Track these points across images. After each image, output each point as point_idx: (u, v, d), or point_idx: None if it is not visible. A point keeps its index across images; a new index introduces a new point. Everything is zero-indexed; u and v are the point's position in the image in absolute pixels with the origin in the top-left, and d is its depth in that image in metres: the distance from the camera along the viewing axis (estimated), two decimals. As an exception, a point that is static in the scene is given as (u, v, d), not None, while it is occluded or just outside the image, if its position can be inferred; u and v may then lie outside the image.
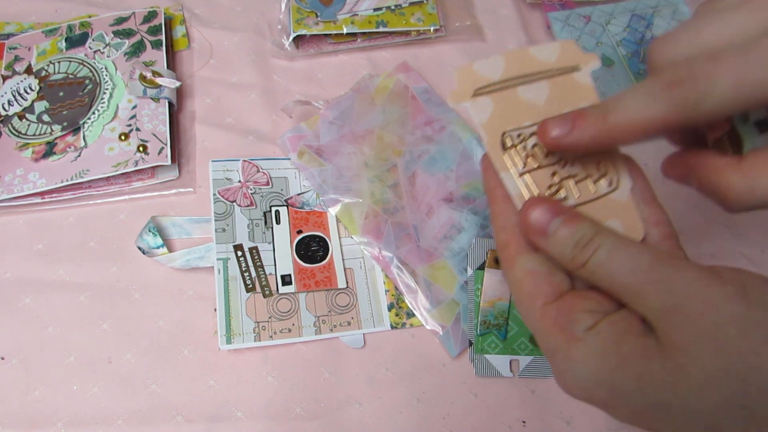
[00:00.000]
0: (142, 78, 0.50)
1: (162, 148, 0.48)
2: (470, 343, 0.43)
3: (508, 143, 0.28)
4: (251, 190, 0.48)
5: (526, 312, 0.26)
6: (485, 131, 0.28)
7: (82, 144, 0.48)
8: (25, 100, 0.50)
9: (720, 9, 0.25)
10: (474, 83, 0.28)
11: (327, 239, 0.47)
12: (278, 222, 0.47)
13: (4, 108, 0.50)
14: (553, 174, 0.28)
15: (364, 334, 0.44)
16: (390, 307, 0.45)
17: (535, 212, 0.26)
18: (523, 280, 0.26)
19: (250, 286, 0.44)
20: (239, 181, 0.48)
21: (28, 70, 0.52)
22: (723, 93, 0.23)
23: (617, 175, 0.28)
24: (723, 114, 0.24)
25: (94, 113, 0.49)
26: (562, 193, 0.27)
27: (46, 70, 0.52)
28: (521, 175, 0.27)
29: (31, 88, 0.51)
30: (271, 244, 0.46)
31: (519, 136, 0.28)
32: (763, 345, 0.21)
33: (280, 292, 0.44)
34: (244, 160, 0.49)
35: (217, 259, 0.45)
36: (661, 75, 0.24)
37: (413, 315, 0.45)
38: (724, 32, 0.24)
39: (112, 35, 0.54)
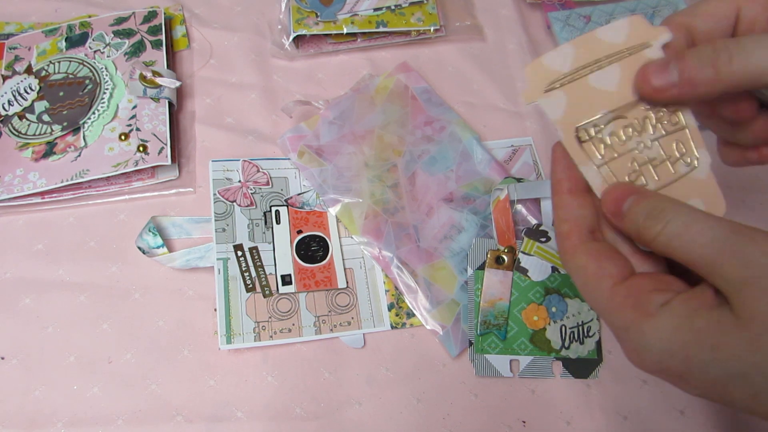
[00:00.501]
0: (142, 78, 0.50)
1: (162, 148, 0.48)
2: (470, 343, 0.43)
3: (584, 137, 0.28)
4: (251, 190, 0.48)
5: (594, 293, 0.26)
6: (560, 127, 0.28)
7: (82, 144, 0.48)
8: (25, 100, 0.50)
9: None
10: (545, 78, 0.28)
11: (327, 239, 0.47)
12: (278, 222, 0.47)
13: (4, 108, 0.50)
14: (632, 161, 0.28)
15: (364, 334, 0.44)
16: (390, 307, 0.45)
17: (610, 195, 0.27)
18: (587, 264, 0.27)
19: (250, 286, 0.44)
20: (239, 181, 0.48)
21: (28, 70, 0.52)
22: None
23: (696, 154, 0.28)
24: None
25: (94, 113, 0.49)
26: (642, 180, 0.27)
27: (46, 70, 0.52)
28: (601, 166, 0.28)
29: (31, 88, 0.51)
30: (271, 244, 0.46)
31: (595, 126, 0.28)
32: None
33: (280, 292, 0.44)
34: (244, 160, 0.49)
35: (217, 259, 0.45)
36: None
37: (413, 315, 0.45)
38: None
39: (112, 35, 0.54)
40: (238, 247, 0.45)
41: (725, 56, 0.25)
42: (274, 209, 0.48)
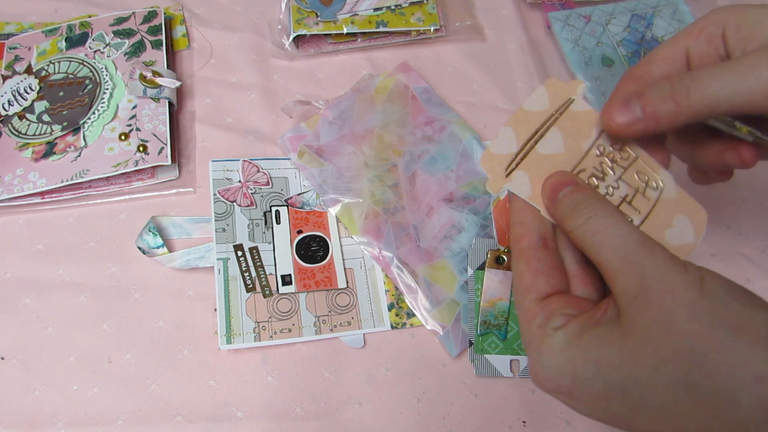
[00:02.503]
0: (142, 78, 0.50)
1: (162, 148, 0.48)
2: (470, 343, 0.43)
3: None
4: (251, 190, 0.48)
5: (518, 303, 0.28)
6: (536, 204, 0.29)
7: (82, 144, 0.48)
8: (25, 100, 0.50)
9: None
10: (501, 164, 0.29)
11: (327, 239, 0.47)
12: (278, 222, 0.47)
13: (4, 108, 0.50)
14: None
15: (364, 334, 0.44)
16: (390, 307, 0.45)
17: (550, 181, 0.28)
18: (524, 273, 0.28)
19: (250, 286, 0.44)
20: (239, 181, 0.48)
21: (28, 70, 0.52)
22: None
23: (657, 176, 0.29)
24: None
25: (94, 113, 0.49)
26: (630, 217, 0.28)
27: (46, 70, 0.52)
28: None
29: (31, 88, 0.51)
30: (271, 244, 0.46)
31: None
32: (708, 329, 0.22)
33: (280, 292, 0.44)
34: (244, 160, 0.49)
35: (217, 259, 0.45)
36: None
37: (413, 315, 0.45)
38: None
39: (112, 35, 0.54)
40: (238, 247, 0.45)
41: (682, 89, 0.27)
42: (274, 209, 0.48)
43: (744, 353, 0.22)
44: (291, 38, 0.55)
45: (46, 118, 0.49)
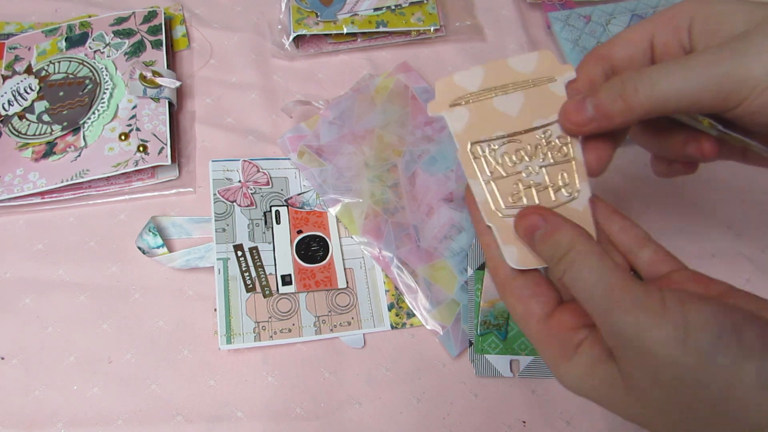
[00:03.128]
0: (142, 78, 0.50)
1: (162, 148, 0.48)
2: (470, 343, 0.43)
3: (477, 153, 0.29)
4: (251, 190, 0.48)
5: (524, 330, 0.29)
6: (458, 141, 0.29)
7: (82, 144, 0.48)
8: (25, 100, 0.50)
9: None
10: (453, 93, 0.29)
11: (327, 239, 0.47)
12: (278, 222, 0.47)
13: (4, 108, 0.50)
14: (518, 183, 0.29)
15: (364, 334, 0.44)
16: (390, 307, 0.45)
17: (523, 223, 0.28)
18: (515, 305, 0.28)
19: (250, 286, 0.44)
20: (239, 181, 0.48)
21: (28, 70, 0.52)
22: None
23: (578, 186, 0.29)
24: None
25: (94, 113, 0.49)
26: (522, 201, 0.29)
27: (46, 70, 0.52)
28: (487, 183, 0.29)
29: (31, 88, 0.51)
30: (271, 244, 0.46)
31: (489, 145, 0.29)
32: (697, 389, 0.22)
33: (280, 292, 0.44)
34: (244, 160, 0.49)
35: (217, 259, 0.45)
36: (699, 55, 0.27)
37: (413, 315, 0.45)
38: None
39: (112, 35, 0.54)
40: (238, 247, 0.45)
41: (631, 88, 0.27)
42: (274, 209, 0.48)
43: (738, 408, 0.22)
44: (291, 38, 0.55)
45: (46, 118, 0.49)
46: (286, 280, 0.45)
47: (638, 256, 0.29)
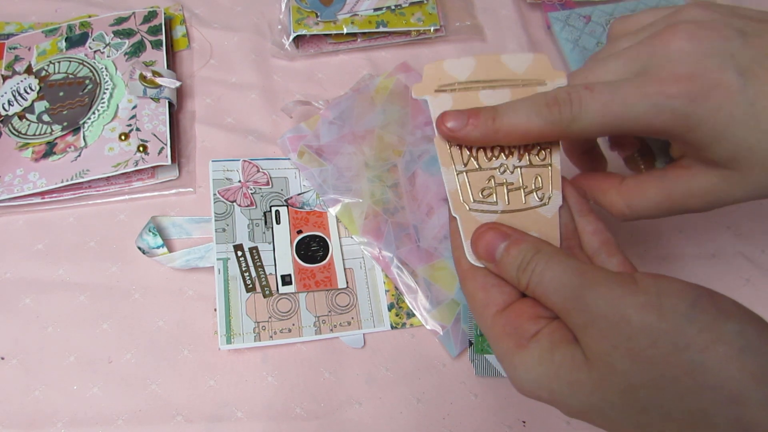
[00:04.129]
0: (142, 78, 0.50)
1: (162, 148, 0.48)
2: (470, 343, 0.43)
3: (455, 141, 0.29)
4: (251, 190, 0.48)
5: (480, 320, 0.28)
6: (437, 126, 0.29)
7: (82, 144, 0.48)
8: (25, 100, 0.50)
9: (606, 56, 0.29)
10: (440, 79, 0.29)
11: (327, 239, 0.47)
12: (278, 222, 0.47)
13: (4, 108, 0.50)
14: (491, 179, 0.29)
15: (364, 334, 0.44)
16: (390, 307, 0.45)
17: (481, 242, 0.28)
18: (475, 292, 0.28)
19: (250, 286, 0.44)
20: (239, 181, 0.48)
21: (28, 70, 0.52)
22: (591, 118, 0.27)
23: (550, 193, 0.29)
24: (592, 135, 0.28)
25: (94, 113, 0.49)
26: (493, 197, 0.29)
27: (46, 70, 0.52)
28: (460, 173, 0.29)
29: (31, 88, 0.51)
30: (271, 244, 0.46)
31: None
32: (674, 354, 0.22)
33: (280, 292, 0.44)
34: (244, 160, 0.49)
35: (217, 259, 0.45)
36: (546, 93, 0.28)
37: (413, 315, 0.45)
38: (603, 72, 0.29)
39: (112, 35, 0.54)
40: (238, 247, 0.45)
41: (489, 118, 0.28)
42: (274, 209, 0.48)
43: (716, 374, 0.21)
44: (291, 38, 0.55)
45: (46, 118, 0.49)
46: (286, 280, 0.45)
47: (606, 264, 0.29)
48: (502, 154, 0.29)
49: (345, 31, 0.55)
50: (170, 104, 0.51)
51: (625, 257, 0.29)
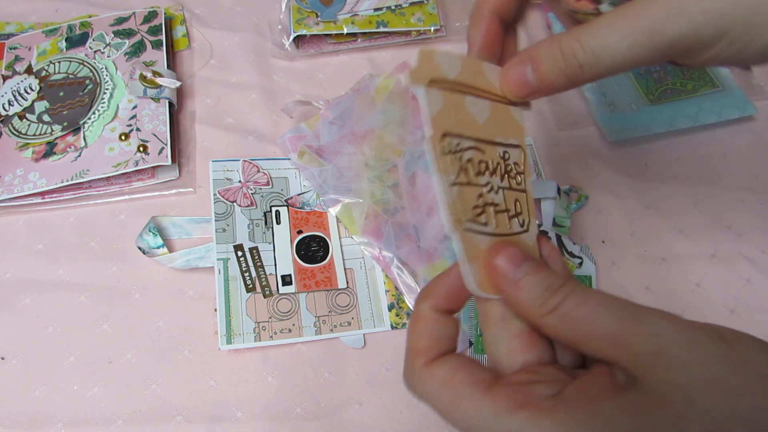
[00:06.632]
0: (143, 78, 0.50)
1: (162, 148, 0.48)
2: (470, 343, 0.43)
3: (447, 148, 0.25)
4: (251, 190, 0.48)
5: (469, 402, 0.22)
6: (432, 125, 0.25)
7: (83, 144, 0.48)
8: (26, 100, 0.50)
9: None
10: (432, 72, 0.26)
11: (327, 239, 0.47)
12: (278, 222, 0.47)
13: (4, 108, 0.50)
14: (480, 196, 0.26)
15: (364, 334, 0.44)
16: (390, 307, 0.45)
17: (502, 257, 0.24)
18: (451, 376, 0.23)
19: (251, 286, 0.44)
20: (239, 181, 0.48)
21: (29, 70, 0.52)
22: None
23: (529, 219, 0.27)
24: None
25: (94, 113, 0.49)
26: (483, 218, 0.25)
27: (47, 70, 0.52)
28: (452, 185, 0.25)
29: (31, 88, 0.51)
30: (272, 244, 0.46)
31: (458, 144, 0.25)
32: (758, 384, 0.20)
33: (280, 292, 0.44)
34: (245, 160, 0.49)
35: (218, 259, 0.45)
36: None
37: (413, 315, 0.45)
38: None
39: (113, 35, 0.54)
40: (238, 248, 0.45)
41: (574, 65, 0.26)
42: (274, 209, 0.48)
43: None
44: (291, 38, 0.55)
45: (46, 118, 0.49)
46: (286, 280, 0.45)
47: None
48: (488, 171, 0.26)
49: (345, 31, 0.55)
50: (170, 104, 0.51)
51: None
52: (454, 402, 0.22)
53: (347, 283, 0.46)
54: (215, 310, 0.44)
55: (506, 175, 0.27)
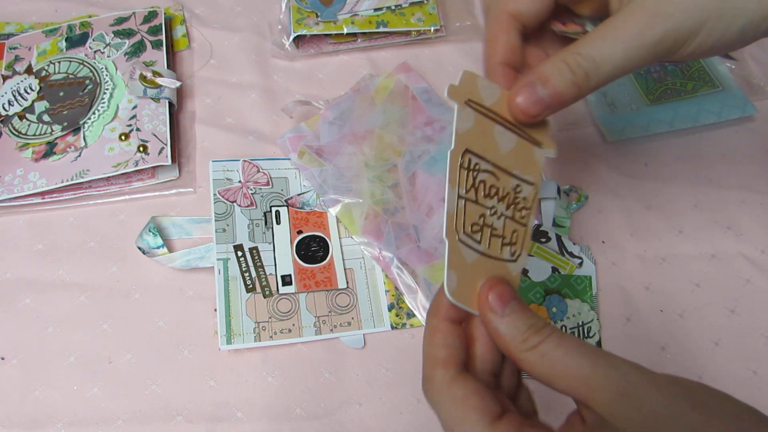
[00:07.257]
0: (143, 78, 0.50)
1: (162, 148, 0.48)
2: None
3: (465, 163, 0.28)
4: (251, 190, 0.48)
5: (470, 429, 0.25)
6: (457, 139, 0.28)
7: (83, 144, 0.48)
8: (26, 100, 0.50)
9: None
10: (471, 94, 0.29)
11: (327, 239, 0.47)
12: (278, 222, 0.47)
13: (4, 108, 0.50)
14: (482, 216, 0.28)
15: (364, 334, 0.44)
16: (390, 308, 0.45)
17: (494, 292, 0.26)
18: (465, 399, 0.26)
19: (251, 286, 0.44)
20: (239, 182, 0.48)
21: (29, 70, 0.52)
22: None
23: (520, 252, 0.29)
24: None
25: (94, 113, 0.49)
26: (478, 236, 0.28)
27: (47, 70, 0.52)
28: (460, 198, 0.27)
29: (31, 88, 0.51)
30: (272, 244, 0.46)
31: (476, 165, 0.28)
32: (715, 418, 0.22)
33: (280, 292, 0.44)
34: (245, 161, 0.49)
35: (218, 260, 0.45)
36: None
37: (413, 315, 0.45)
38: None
39: (113, 35, 0.54)
40: (238, 248, 0.45)
41: (582, 75, 0.28)
42: (274, 209, 0.48)
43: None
44: (291, 38, 0.55)
45: (46, 118, 0.49)
46: (286, 280, 0.45)
47: None
48: (496, 197, 0.29)
49: (345, 31, 0.55)
50: (170, 104, 0.51)
51: None
52: (460, 422, 0.26)
53: (347, 283, 0.46)
54: (215, 310, 0.44)
55: (513, 206, 0.29)
